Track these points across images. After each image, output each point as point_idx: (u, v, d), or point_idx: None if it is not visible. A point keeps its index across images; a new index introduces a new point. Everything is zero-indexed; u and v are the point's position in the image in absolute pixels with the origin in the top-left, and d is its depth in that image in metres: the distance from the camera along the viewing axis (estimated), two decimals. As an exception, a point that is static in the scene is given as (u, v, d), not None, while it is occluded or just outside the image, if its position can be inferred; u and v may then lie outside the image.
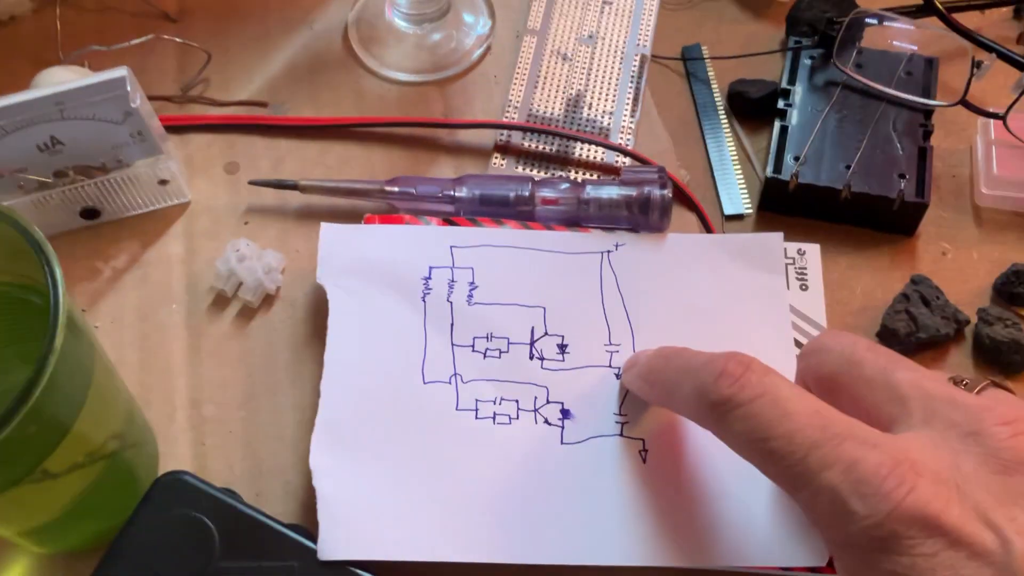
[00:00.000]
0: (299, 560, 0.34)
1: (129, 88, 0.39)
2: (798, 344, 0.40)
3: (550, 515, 0.36)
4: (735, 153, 0.47)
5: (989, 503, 0.27)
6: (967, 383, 0.32)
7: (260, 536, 0.34)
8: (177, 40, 0.48)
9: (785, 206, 0.45)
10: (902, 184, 0.43)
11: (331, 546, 0.34)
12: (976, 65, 0.45)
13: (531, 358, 0.39)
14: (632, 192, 0.42)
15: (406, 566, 0.35)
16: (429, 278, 0.40)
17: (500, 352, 0.39)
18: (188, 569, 0.33)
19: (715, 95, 0.49)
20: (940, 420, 0.29)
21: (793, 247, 0.43)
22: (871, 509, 0.27)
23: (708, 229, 0.44)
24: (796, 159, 0.44)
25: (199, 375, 0.40)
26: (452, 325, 0.40)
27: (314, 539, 0.34)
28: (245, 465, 0.38)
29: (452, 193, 0.42)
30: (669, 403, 0.35)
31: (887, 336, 0.41)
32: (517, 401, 0.38)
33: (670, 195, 0.41)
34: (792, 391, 0.30)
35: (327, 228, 0.41)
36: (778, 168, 0.44)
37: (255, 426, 0.39)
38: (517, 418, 0.38)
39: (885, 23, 0.48)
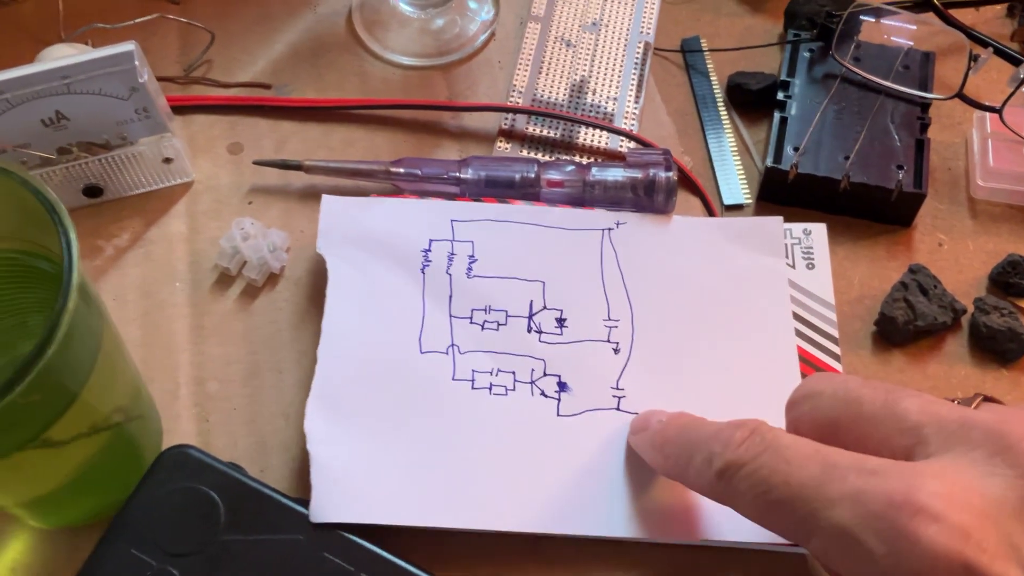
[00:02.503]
0: (305, 533, 0.34)
1: (136, 63, 0.39)
2: (799, 319, 0.41)
3: (544, 485, 0.36)
4: (734, 144, 0.48)
5: (1019, 533, 0.25)
6: (958, 401, 0.30)
7: (266, 509, 0.34)
8: (180, 20, 0.48)
9: (784, 196, 0.45)
10: (900, 175, 0.44)
11: (323, 509, 0.34)
12: (973, 59, 0.46)
13: (529, 331, 0.39)
14: (637, 174, 0.42)
15: (401, 534, 0.35)
16: (429, 250, 0.41)
17: (498, 324, 0.40)
18: (193, 542, 0.33)
19: (714, 87, 0.49)
20: (960, 443, 0.27)
21: (799, 227, 0.43)
22: (889, 546, 0.25)
23: (711, 213, 0.44)
24: (795, 150, 0.45)
25: (203, 352, 0.40)
26: (451, 297, 0.40)
27: (319, 512, 0.34)
28: (249, 442, 0.38)
29: (458, 175, 0.43)
30: (683, 477, 0.33)
31: (885, 324, 0.42)
32: (514, 373, 0.39)
33: (675, 177, 0.42)
34: (792, 439, 0.28)
35: (328, 200, 0.42)
36: (778, 158, 0.45)
37: (259, 403, 0.39)
38: (514, 389, 0.38)
39: (883, 18, 0.49)
